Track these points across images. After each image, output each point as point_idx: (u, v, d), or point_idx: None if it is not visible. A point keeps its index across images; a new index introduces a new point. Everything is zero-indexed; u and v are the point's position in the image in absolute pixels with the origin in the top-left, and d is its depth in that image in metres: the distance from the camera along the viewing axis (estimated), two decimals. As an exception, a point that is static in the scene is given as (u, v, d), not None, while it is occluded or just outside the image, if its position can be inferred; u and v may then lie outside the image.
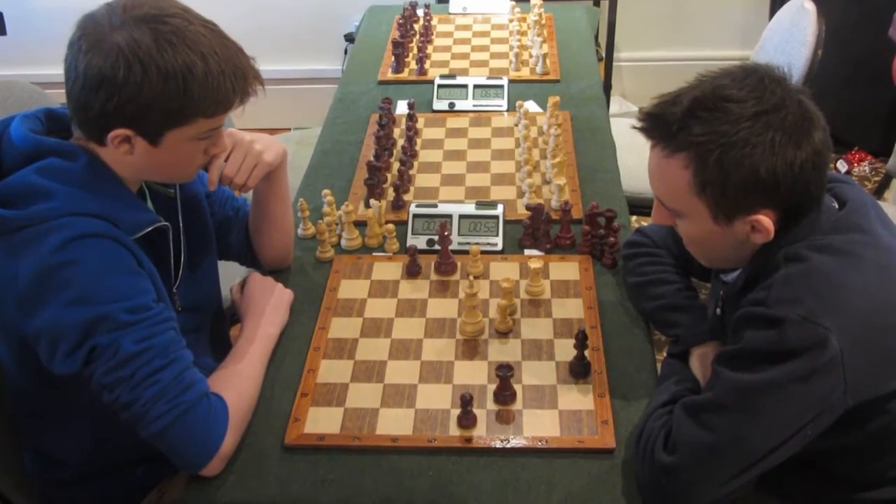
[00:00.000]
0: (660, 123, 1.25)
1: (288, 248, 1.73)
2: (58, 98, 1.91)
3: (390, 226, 1.81)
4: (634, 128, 1.29)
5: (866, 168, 3.56)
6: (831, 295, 1.18)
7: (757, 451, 1.19)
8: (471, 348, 1.53)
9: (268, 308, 1.56)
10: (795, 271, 1.21)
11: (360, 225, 1.84)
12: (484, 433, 1.36)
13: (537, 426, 1.37)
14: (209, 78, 1.24)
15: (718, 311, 1.43)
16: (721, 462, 1.19)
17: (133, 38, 1.20)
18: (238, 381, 1.39)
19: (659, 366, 1.49)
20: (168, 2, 1.27)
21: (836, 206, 1.30)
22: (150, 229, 1.35)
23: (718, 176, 1.20)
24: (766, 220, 1.22)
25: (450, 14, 2.90)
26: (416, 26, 2.75)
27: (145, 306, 1.26)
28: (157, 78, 1.21)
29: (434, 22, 2.82)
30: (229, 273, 1.82)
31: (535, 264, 1.63)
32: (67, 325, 1.22)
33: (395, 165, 2.04)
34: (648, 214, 2.73)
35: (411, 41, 2.67)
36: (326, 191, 1.86)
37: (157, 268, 1.36)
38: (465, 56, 2.63)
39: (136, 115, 1.24)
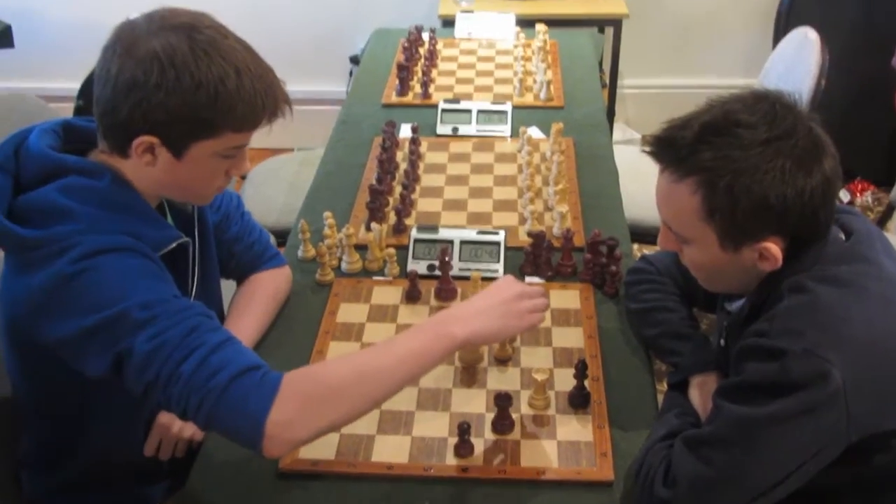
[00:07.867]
0: (669, 148, 1.24)
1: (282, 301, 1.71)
2: (62, 112, 1.91)
3: (391, 250, 1.80)
4: (644, 151, 1.28)
5: (869, 198, 3.56)
6: (834, 327, 1.17)
7: (757, 486, 1.17)
8: (469, 376, 1.52)
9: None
10: (798, 303, 1.20)
11: (361, 248, 1.83)
12: (481, 463, 1.34)
13: (535, 456, 1.35)
14: (241, 92, 1.24)
15: (722, 341, 1.42)
16: (720, 497, 1.18)
17: (170, 43, 1.21)
18: (338, 362, 1.33)
19: (660, 397, 1.47)
20: (204, 16, 1.27)
21: (843, 236, 1.29)
22: (173, 245, 1.34)
23: (728, 202, 1.19)
24: (774, 248, 1.22)
25: (455, 38, 2.91)
26: (422, 50, 2.76)
27: (161, 300, 1.22)
28: (190, 85, 1.20)
29: (439, 46, 2.82)
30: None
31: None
32: (86, 333, 1.19)
33: (398, 189, 2.04)
34: (650, 242, 2.77)
35: (416, 65, 2.68)
36: (328, 213, 1.85)
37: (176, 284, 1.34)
38: (469, 81, 2.63)
39: (163, 122, 1.23)
